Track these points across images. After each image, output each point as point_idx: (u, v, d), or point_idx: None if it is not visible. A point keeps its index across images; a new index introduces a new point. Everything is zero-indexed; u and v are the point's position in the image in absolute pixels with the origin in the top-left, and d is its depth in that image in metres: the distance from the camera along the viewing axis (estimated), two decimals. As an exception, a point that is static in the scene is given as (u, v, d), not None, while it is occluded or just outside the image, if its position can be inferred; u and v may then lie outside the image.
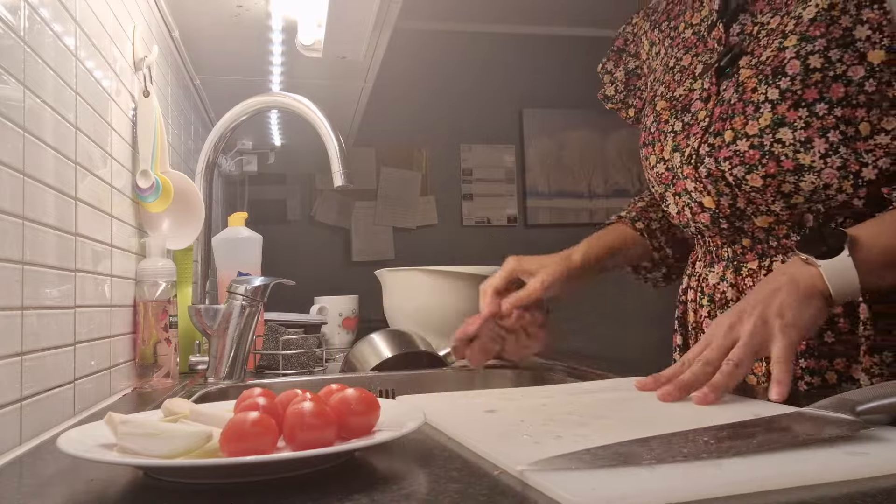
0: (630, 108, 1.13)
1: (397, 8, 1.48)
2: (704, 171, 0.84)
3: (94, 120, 0.92)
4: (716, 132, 0.83)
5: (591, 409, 0.69)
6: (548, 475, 0.46)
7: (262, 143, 2.65)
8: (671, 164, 0.90)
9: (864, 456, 0.48)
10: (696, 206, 0.88)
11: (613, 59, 1.15)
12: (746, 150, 0.79)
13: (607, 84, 1.16)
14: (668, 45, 0.99)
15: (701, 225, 0.90)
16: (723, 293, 0.90)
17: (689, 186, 0.88)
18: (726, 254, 0.90)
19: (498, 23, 3.55)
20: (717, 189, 0.84)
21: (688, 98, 0.89)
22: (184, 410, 0.58)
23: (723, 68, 0.85)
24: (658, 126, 0.93)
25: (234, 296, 1.09)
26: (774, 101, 0.77)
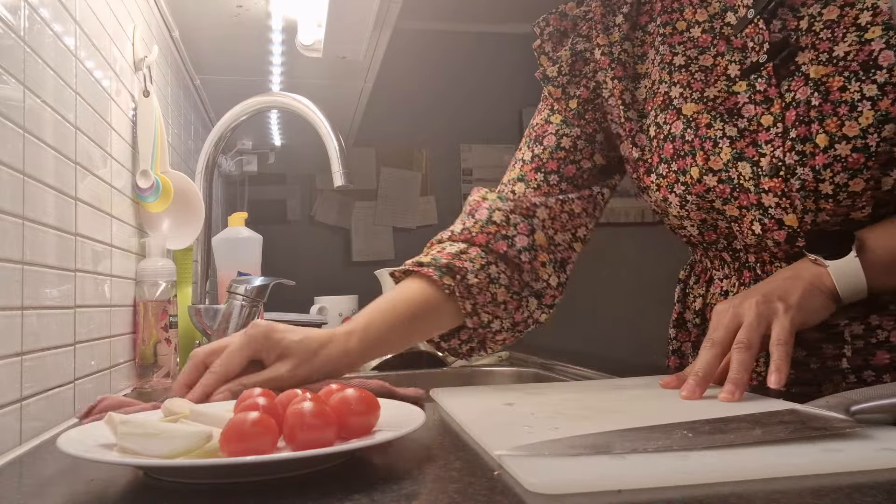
0: (572, 99, 0.95)
1: (397, 8, 1.48)
2: (797, 183, 0.74)
3: (94, 120, 0.92)
4: (801, 138, 0.74)
5: (606, 404, 0.70)
6: (519, 460, 0.48)
7: (262, 143, 2.65)
8: (731, 174, 0.78)
9: (837, 453, 0.48)
10: (772, 224, 0.77)
11: (553, 41, 0.99)
12: (849, 154, 0.71)
13: (547, 65, 0.99)
14: (662, 44, 0.88)
15: (770, 242, 0.79)
16: None
17: (769, 202, 0.76)
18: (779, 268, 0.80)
19: (498, 23, 3.55)
20: (804, 206, 0.75)
21: (731, 100, 0.79)
22: (184, 410, 0.58)
23: (779, 66, 0.77)
24: (697, 132, 0.81)
25: (234, 296, 1.09)
26: (874, 97, 0.70)
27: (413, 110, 3.46)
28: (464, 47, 3.56)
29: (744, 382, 0.66)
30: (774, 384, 0.65)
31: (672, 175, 0.83)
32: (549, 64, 0.98)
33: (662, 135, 0.85)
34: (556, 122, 0.97)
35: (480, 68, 3.57)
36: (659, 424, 0.55)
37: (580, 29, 0.97)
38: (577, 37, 0.96)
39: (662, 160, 0.84)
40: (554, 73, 0.98)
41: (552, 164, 0.94)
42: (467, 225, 0.90)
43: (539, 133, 0.98)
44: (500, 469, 0.50)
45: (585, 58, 0.95)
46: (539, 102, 1.05)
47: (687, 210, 0.83)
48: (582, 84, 0.95)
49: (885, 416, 0.55)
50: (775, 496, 0.42)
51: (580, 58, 0.96)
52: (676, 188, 0.83)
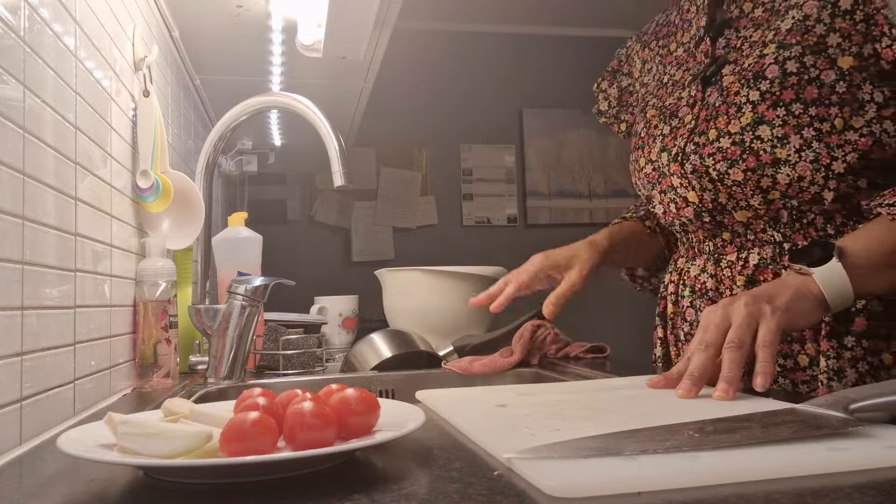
0: (622, 123, 1.22)
1: (397, 8, 1.48)
2: (690, 167, 0.91)
3: (94, 120, 0.92)
4: (700, 132, 0.90)
5: (602, 404, 0.70)
6: (531, 463, 0.48)
7: (262, 143, 2.65)
8: (658, 163, 0.97)
9: (844, 452, 0.48)
10: (681, 201, 0.95)
11: (608, 79, 1.24)
12: (728, 147, 0.87)
13: (601, 100, 1.24)
14: (660, 63, 1.08)
15: (685, 219, 0.96)
16: (703, 283, 0.97)
17: (675, 182, 0.95)
18: (707, 247, 0.97)
19: (498, 23, 3.55)
20: (700, 184, 0.91)
21: (676, 105, 0.97)
22: (184, 410, 0.58)
23: (708, 77, 0.94)
24: (648, 131, 1.01)
25: (234, 296, 1.09)
26: (755, 101, 0.85)
27: (413, 110, 3.46)
28: (464, 47, 3.56)
29: (736, 380, 0.69)
30: (760, 386, 0.68)
31: (633, 163, 1.05)
32: (603, 99, 1.24)
33: (632, 132, 1.08)
34: None
35: (480, 68, 3.57)
36: (665, 425, 0.55)
37: (623, 67, 1.22)
38: (621, 75, 1.22)
39: (629, 151, 1.07)
40: (605, 108, 1.25)
41: None
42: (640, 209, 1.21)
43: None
44: (501, 469, 0.50)
45: (630, 91, 1.21)
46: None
47: (647, 190, 1.03)
48: (629, 111, 1.21)
49: (883, 415, 0.55)
50: (775, 496, 0.42)
51: (626, 91, 1.22)
52: (638, 174, 1.04)
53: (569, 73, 3.56)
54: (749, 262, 0.91)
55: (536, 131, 3.66)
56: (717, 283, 0.95)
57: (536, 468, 0.47)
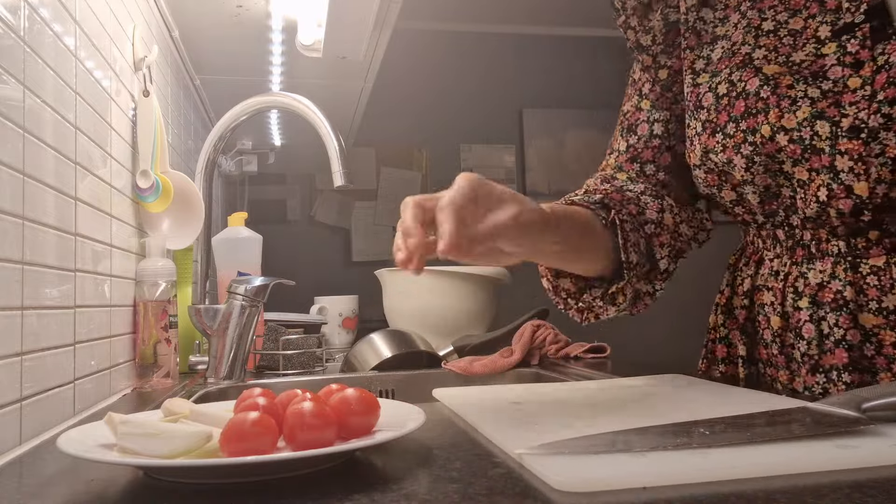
0: (662, 69, 0.92)
1: (397, 8, 1.48)
2: (878, 147, 0.71)
3: (94, 120, 0.92)
4: (890, 100, 0.70)
5: (614, 403, 0.70)
6: (541, 459, 0.48)
7: (262, 143, 2.65)
8: (804, 134, 0.75)
9: (853, 449, 0.49)
10: (840, 190, 0.74)
11: (639, 15, 0.93)
12: None
13: (640, 35, 0.93)
14: (750, 8, 0.84)
15: (833, 212, 0.75)
16: (837, 292, 0.77)
17: (842, 165, 0.73)
18: (834, 248, 0.78)
19: (498, 23, 3.55)
20: (879, 174, 0.71)
21: (818, 63, 0.75)
22: (184, 410, 0.58)
23: (876, 28, 0.73)
24: (776, 91, 0.76)
25: (234, 296, 1.09)
26: None
27: (413, 110, 3.46)
28: (464, 47, 3.56)
29: None
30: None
31: (740, 135, 0.79)
32: (643, 33, 0.93)
33: (735, 92, 0.80)
34: (646, 107, 0.94)
35: (480, 68, 3.57)
36: (676, 423, 0.55)
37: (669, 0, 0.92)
38: (666, 7, 0.92)
39: (731, 119, 0.80)
40: (648, 42, 0.93)
41: (647, 153, 0.93)
42: (601, 187, 0.90)
43: (632, 122, 0.96)
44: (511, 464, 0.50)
45: (678, 30, 0.91)
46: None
47: (752, 173, 0.79)
48: (674, 55, 0.92)
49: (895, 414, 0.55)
50: (776, 495, 0.42)
51: (673, 28, 0.91)
52: (744, 148, 0.79)
53: (569, 73, 3.56)
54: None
55: (536, 131, 3.66)
56: (855, 293, 0.76)
57: (546, 463, 0.47)
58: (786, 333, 0.83)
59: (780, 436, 0.51)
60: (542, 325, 1.33)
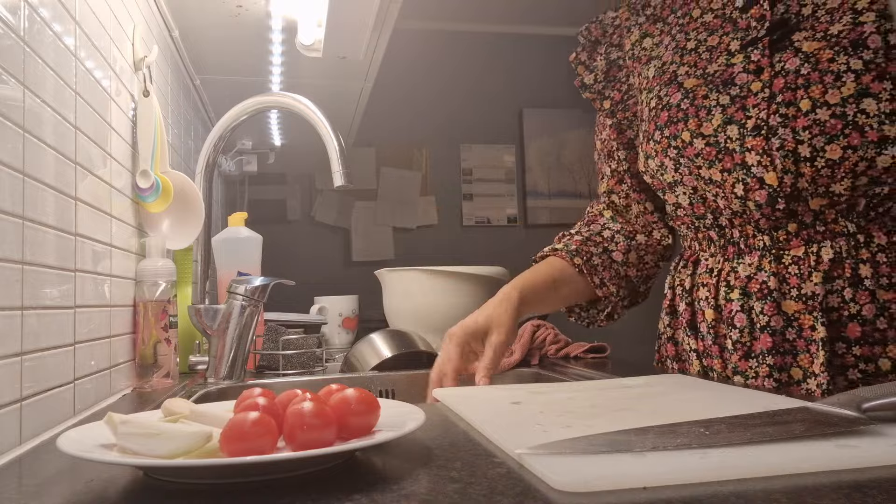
0: (606, 100, 1.10)
1: (397, 8, 1.48)
2: (777, 142, 0.81)
3: (94, 120, 0.92)
4: (787, 101, 0.81)
5: (614, 402, 0.70)
6: (541, 458, 0.48)
7: (262, 143, 2.65)
8: (719, 138, 0.86)
9: (853, 449, 0.49)
10: (754, 183, 0.84)
11: (587, 51, 1.12)
12: (828, 119, 0.78)
13: (584, 73, 1.12)
14: (678, 32, 0.98)
15: (752, 204, 0.85)
16: (763, 283, 0.85)
17: (751, 160, 0.83)
18: (761, 242, 0.87)
19: (498, 23, 3.55)
20: (783, 165, 0.81)
21: (728, 72, 0.87)
22: (184, 410, 0.58)
23: (775, 41, 0.84)
24: (693, 102, 0.89)
25: (234, 296, 1.09)
26: (858, 71, 0.77)
27: (413, 110, 3.46)
28: (464, 47, 3.55)
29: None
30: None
31: (665, 140, 0.92)
32: (587, 73, 1.12)
33: (661, 105, 0.94)
34: (614, 137, 1.11)
35: (481, 68, 3.57)
36: (676, 423, 0.55)
37: (612, 38, 1.10)
38: (609, 46, 1.10)
39: (658, 127, 0.93)
40: (591, 81, 1.12)
41: (626, 175, 1.11)
42: (583, 231, 1.13)
43: (609, 149, 1.12)
44: (511, 464, 0.50)
45: (619, 65, 1.09)
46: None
47: (680, 174, 0.91)
48: (615, 88, 1.09)
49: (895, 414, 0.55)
50: (776, 495, 0.42)
51: (614, 65, 1.10)
52: (670, 152, 0.92)
53: (569, 73, 3.55)
54: (822, 257, 0.82)
55: (536, 131, 3.65)
56: (780, 282, 0.84)
57: (546, 463, 0.47)
58: (719, 325, 0.92)
59: (780, 436, 0.51)
60: (542, 325, 1.33)
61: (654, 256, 1.11)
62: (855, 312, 0.80)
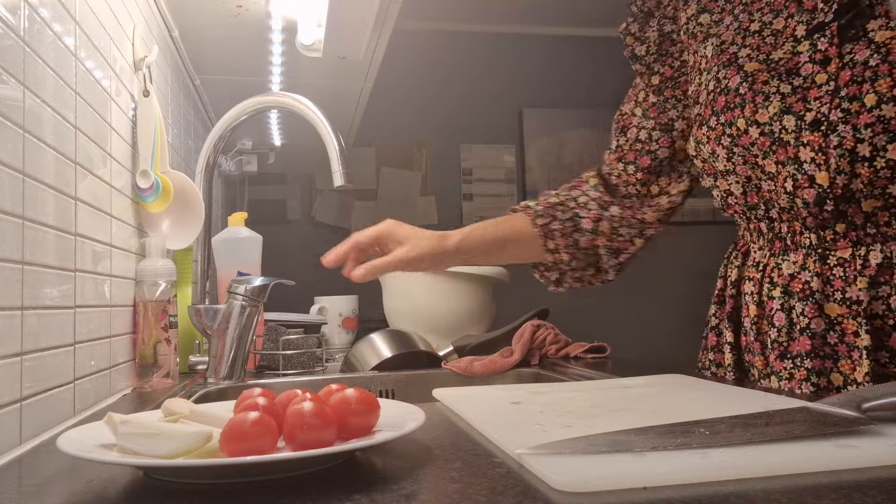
0: (655, 75, 1.04)
1: (397, 8, 1.48)
2: (836, 139, 0.76)
3: (94, 120, 0.92)
4: (850, 96, 0.75)
5: (614, 402, 0.70)
6: (541, 458, 0.48)
7: (262, 143, 2.64)
8: (774, 128, 0.81)
9: (853, 449, 0.49)
10: (804, 180, 0.79)
11: (639, 22, 1.05)
12: (893, 117, 0.73)
13: (636, 44, 1.05)
14: (742, 12, 0.91)
15: (799, 202, 0.81)
16: (805, 283, 0.81)
17: (805, 156, 0.78)
18: (807, 240, 0.82)
19: (498, 23, 3.55)
20: (838, 165, 0.76)
21: (793, 61, 0.81)
22: (184, 410, 0.58)
23: (844, 27, 0.78)
24: (752, 87, 0.83)
25: (234, 296, 1.09)
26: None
27: (413, 110, 3.46)
28: (464, 47, 3.55)
29: None
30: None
31: (720, 127, 0.87)
32: (638, 44, 1.05)
33: (719, 88, 0.88)
34: (639, 114, 1.07)
35: (480, 68, 3.56)
36: (676, 423, 0.55)
37: (665, 10, 1.03)
38: (663, 18, 1.03)
39: (714, 113, 0.88)
40: (642, 52, 1.05)
41: (630, 154, 1.07)
42: (561, 195, 1.11)
43: (626, 124, 1.09)
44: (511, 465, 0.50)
45: (672, 39, 1.03)
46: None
47: (733, 163, 0.86)
48: (667, 63, 1.03)
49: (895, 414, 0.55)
50: (776, 495, 0.42)
51: (667, 38, 1.03)
52: (723, 140, 0.86)
53: (569, 73, 3.56)
54: (870, 261, 0.77)
55: (536, 131, 3.65)
56: (823, 283, 0.80)
57: (546, 463, 0.47)
58: (761, 321, 0.88)
59: (780, 436, 0.51)
60: (542, 325, 1.33)
61: (630, 230, 1.06)
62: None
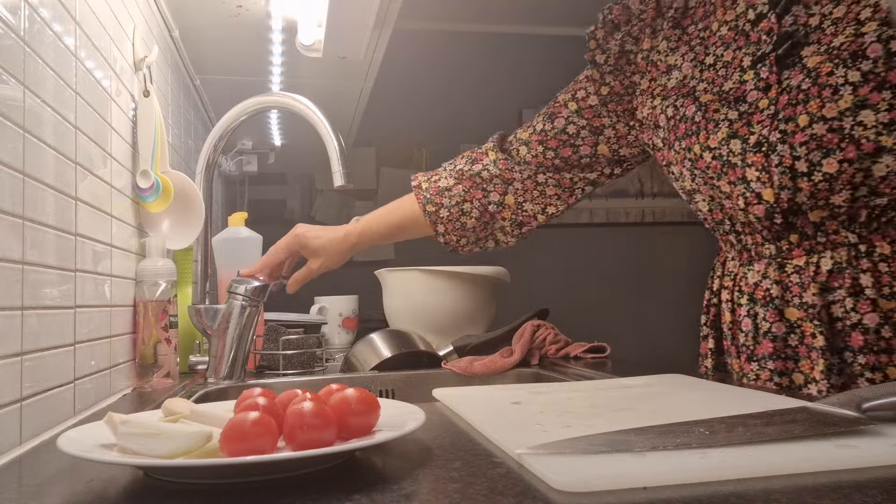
0: (605, 86, 1.08)
1: (397, 8, 1.48)
2: (776, 158, 0.82)
3: (94, 120, 0.92)
4: (787, 118, 0.81)
5: (614, 402, 0.70)
6: (541, 458, 0.48)
7: (262, 143, 2.64)
8: (723, 151, 0.87)
9: (853, 449, 0.49)
10: (752, 197, 0.86)
11: (605, 29, 1.08)
12: (824, 134, 0.78)
13: (598, 52, 1.08)
14: (698, 45, 0.97)
15: (752, 217, 0.87)
16: (766, 290, 0.88)
17: (751, 176, 0.85)
18: (768, 251, 0.89)
19: (498, 23, 3.55)
20: (780, 181, 0.82)
21: (741, 89, 0.88)
22: (184, 410, 0.58)
23: (782, 56, 0.85)
24: (705, 115, 0.90)
25: (234, 296, 1.09)
26: (856, 83, 0.76)
27: (413, 110, 3.46)
28: (464, 47, 3.55)
29: None
30: None
31: (682, 152, 0.94)
32: (599, 52, 1.09)
33: (678, 116, 0.95)
34: (572, 109, 1.13)
35: (481, 68, 3.56)
36: (676, 423, 0.55)
37: (632, 29, 1.06)
38: (627, 36, 1.07)
39: (677, 138, 0.95)
40: (601, 61, 1.09)
41: (553, 142, 1.14)
42: (464, 167, 1.22)
43: (555, 112, 1.15)
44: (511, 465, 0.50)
45: (629, 58, 1.07)
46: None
47: (696, 184, 0.93)
48: (619, 79, 1.08)
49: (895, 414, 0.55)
50: (775, 495, 0.42)
51: (626, 56, 1.07)
52: (685, 163, 0.94)
53: (568, 74, 3.55)
54: (821, 268, 0.83)
55: (536, 131, 3.65)
56: (782, 290, 0.87)
57: (546, 463, 0.47)
58: (735, 327, 0.95)
59: (780, 436, 0.51)
60: (542, 325, 1.33)
61: (534, 206, 1.17)
62: (856, 322, 0.81)
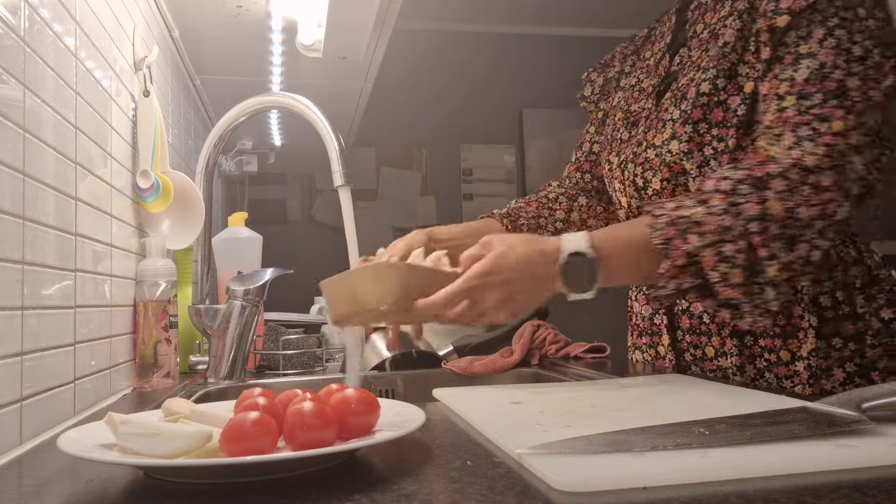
0: (600, 111, 1.26)
1: (397, 8, 1.48)
2: (629, 175, 1.02)
3: (94, 120, 0.92)
4: (638, 143, 1.00)
5: (614, 402, 0.71)
6: (541, 458, 0.48)
7: (262, 143, 2.65)
8: (610, 166, 1.08)
9: (852, 449, 0.49)
10: (618, 204, 1.08)
11: (598, 70, 1.28)
12: (653, 158, 0.97)
13: (587, 87, 1.29)
14: (636, 68, 1.14)
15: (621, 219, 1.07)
16: None
17: (616, 186, 1.06)
18: None
19: (498, 23, 3.55)
20: (629, 192, 1.02)
21: (639, 115, 1.05)
22: (184, 410, 0.58)
23: (662, 92, 1.01)
24: (612, 133, 1.10)
25: (234, 295, 1.09)
26: (675, 119, 0.94)
27: (413, 110, 3.46)
28: (464, 47, 3.55)
29: None
30: None
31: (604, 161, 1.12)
32: (588, 85, 1.28)
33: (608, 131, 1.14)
34: (592, 131, 1.28)
35: (480, 68, 3.56)
36: (676, 422, 0.55)
37: (613, 62, 1.25)
38: (610, 68, 1.25)
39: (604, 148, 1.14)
40: (588, 93, 1.28)
41: (586, 164, 1.27)
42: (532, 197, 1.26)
43: (582, 140, 1.30)
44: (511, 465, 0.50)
45: (612, 83, 1.24)
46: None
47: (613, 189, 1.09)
48: (608, 102, 1.24)
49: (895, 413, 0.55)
50: (775, 495, 0.42)
51: (609, 82, 1.25)
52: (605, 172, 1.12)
53: (569, 73, 3.54)
54: None
55: (536, 131, 3.65)
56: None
57: (546, 463, 0.47)
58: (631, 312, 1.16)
59: (780, 436, 0.51)
60: (542, 325, 1.33)
61: (597, 221, 1.24)
62: (686, 307, 0.99)
